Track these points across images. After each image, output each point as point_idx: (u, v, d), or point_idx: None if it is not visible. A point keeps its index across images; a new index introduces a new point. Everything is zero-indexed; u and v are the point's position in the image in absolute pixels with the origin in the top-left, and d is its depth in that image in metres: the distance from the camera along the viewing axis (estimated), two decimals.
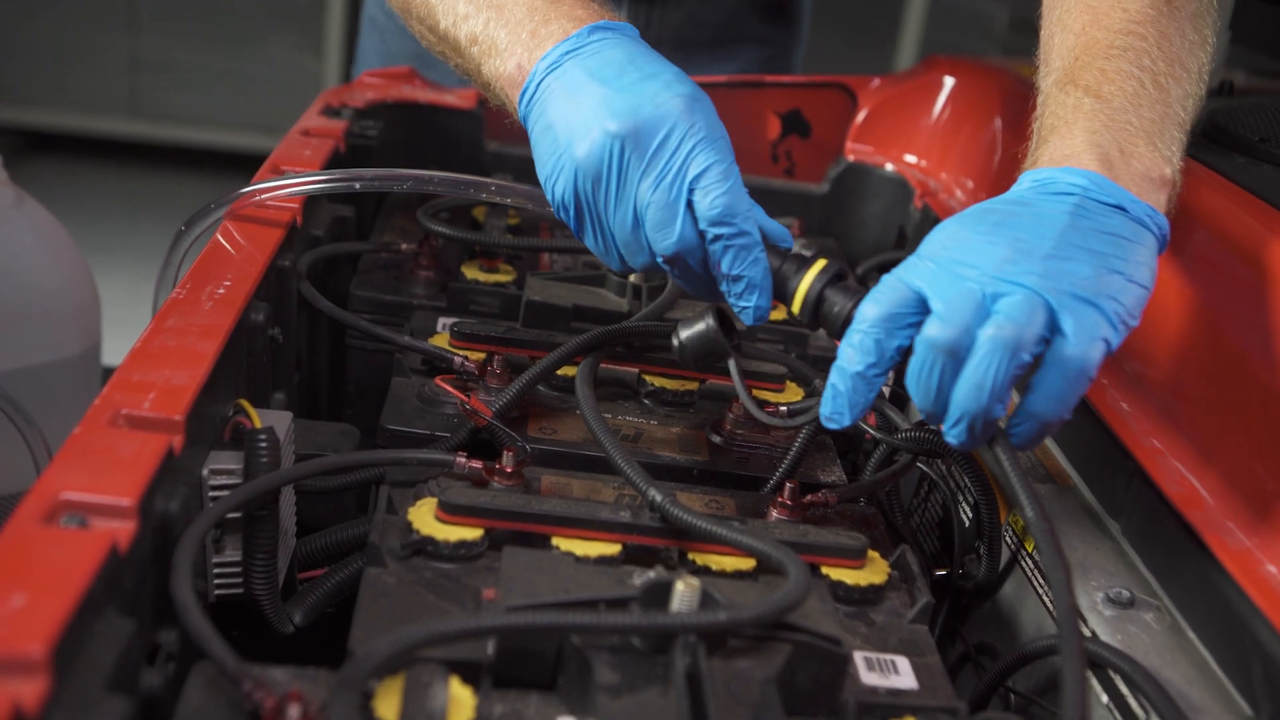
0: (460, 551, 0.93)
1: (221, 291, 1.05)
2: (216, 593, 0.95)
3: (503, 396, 1.13)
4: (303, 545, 1.06)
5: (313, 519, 1.10)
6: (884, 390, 1.39)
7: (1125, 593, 1.01)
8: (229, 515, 0.90)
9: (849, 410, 0.93)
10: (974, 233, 0.94)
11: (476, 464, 1.01)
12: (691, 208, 0.97)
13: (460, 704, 0.76)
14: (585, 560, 0.93)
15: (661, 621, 0.79)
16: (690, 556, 0.98)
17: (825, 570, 0.99)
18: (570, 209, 1.01)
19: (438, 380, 1.16)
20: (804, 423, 1.09)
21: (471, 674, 0.80)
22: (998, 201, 0.98)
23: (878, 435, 1.19)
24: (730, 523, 0.95)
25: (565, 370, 1.20)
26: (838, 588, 0.98)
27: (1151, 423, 1.12)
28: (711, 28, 1.95)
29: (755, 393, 1.23)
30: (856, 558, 1.00)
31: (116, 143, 5.01)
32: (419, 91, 1.76)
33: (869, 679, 0.89)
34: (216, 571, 0.94)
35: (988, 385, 0.87)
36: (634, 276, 1.38)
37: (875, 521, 1.11)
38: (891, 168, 1.82)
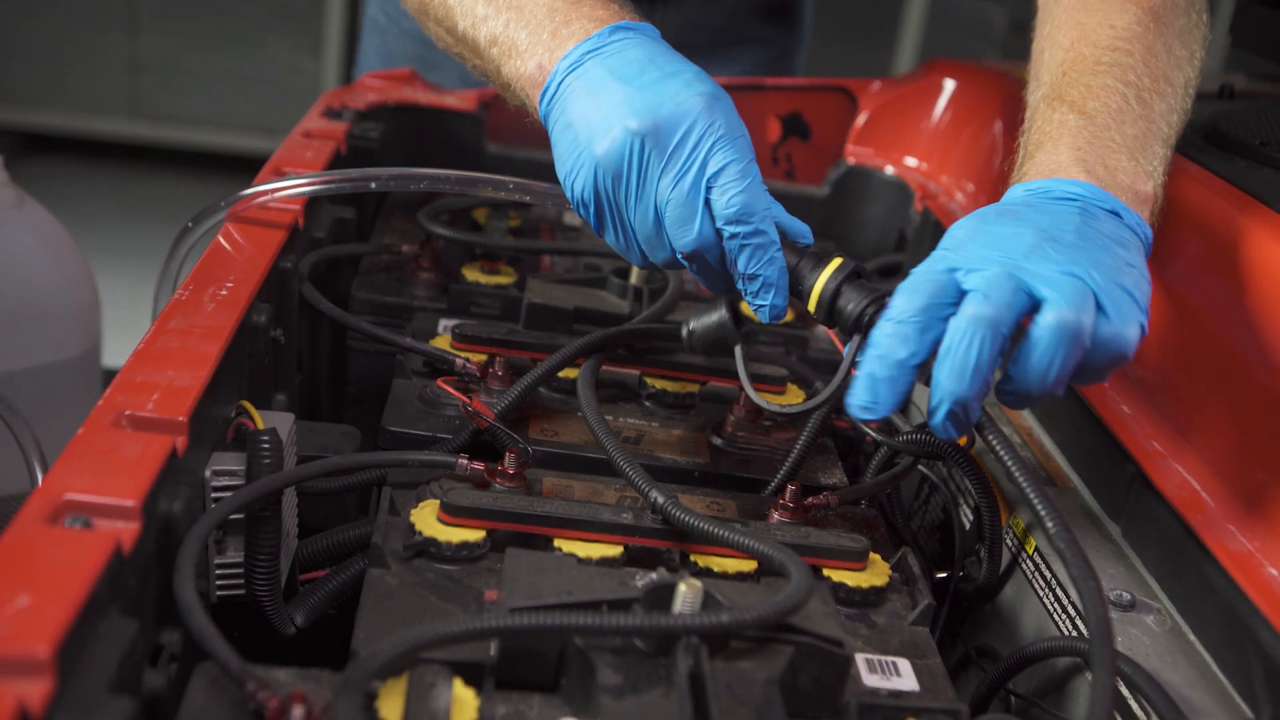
0: (462, 553, 0.94)
1: (224, 293, 1.05)
2: (218, 594, 0.95)
3: (504, 398, 1.13)
4: (304, 546, 1.06)
5: (314, 520, 1.10)
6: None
7: (1126, 595, 1.01)
8: (231, 516, 0.90)
9: (889, 399, 0.91)
10: (997, 225, 0.95)
11: (478, 466, 1.01)
12: (709, 205, 0.97)
13: (463, 705, 0.76)
14: (587, 562, 0.94)
15: (664, 623, 0.79)
16: (692, 558, 0.98)
17: (827, 572, 0.99)
18: (590, 206, 1.01)
19: (439, 382, 1.16)
20: (815, 405, 1.07)
21: (474, 675, 0.80)
22: (1005, 204, 0.99)
23: (879, 438, 1.20)
24: (732, 525, 0.95)
25: (567, 372, 1.20)
26: (839, 590, 0.98)
27: (1152, 425, 1.13)
28: (712, 30, 1.95)
29: None
30: (858, 560, 1.00)
31: (116, 144, 5.02)
32: (420, 93, 1.76)
33: (870, 681, 0.89)
34: (218, 572, 0.94)
35: (1053, 372, 0.88)
36: (634, 278, 1.38)
37: (876, 524, 1.11)
38: (892, 170, 1.82)
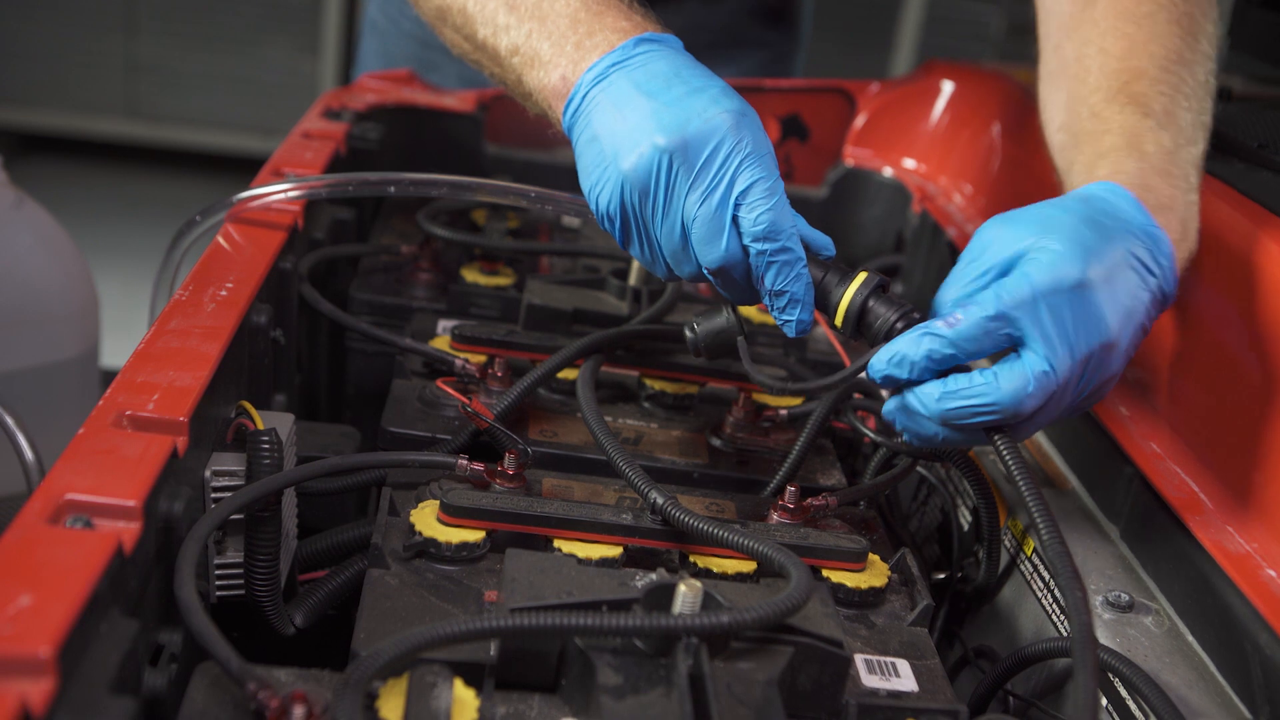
0: (462, 553, 0.94)
1: (224, 293, 1.06)
2: (218, 594, 0.95)
3: (504, 399, 1.13)
4: (304, 547, 1.06)
5: (313, 521, 1.10)
6: (883, 394, 1.40)
7: (1124, 596, 1.01)
8: (231, 516, 0.90)
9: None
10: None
11: (478, 466, 1.01)
12: (736, 222, 0.97)
13: (464, 705, 0.76)
14: (587, 562, 0.94)
15: (664, 623, 0.79)
16: (691, 559, 0.98)
17: (826, 573, 0.99)
18: (616, 220, 1.01)
19: (439, 383, 1.16)
20: (827, 384, 1.05)
21: (475, 675, 0.80)
22: (1083, 220, 0.99)
23: (878, 439, 1.20)
24: (731, 525, 0.95)
25: (566, 373, 1.20)
26: (838, 590, 0.98)
27: (1150, 427, 1.13)
28: (712, 31, 1.95)
29: (755, 396, 1.23)
30: (857, 561, 1.00)
31: (114, 144, 5.01)
32: (418, 94, 1.77)
33: (870, 681, 0.89)
34: (218, 573, 0.94)
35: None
36: (633, 279, 1.38)
37: (875, 525, 1.12)
38: (890, 172, 1.83)
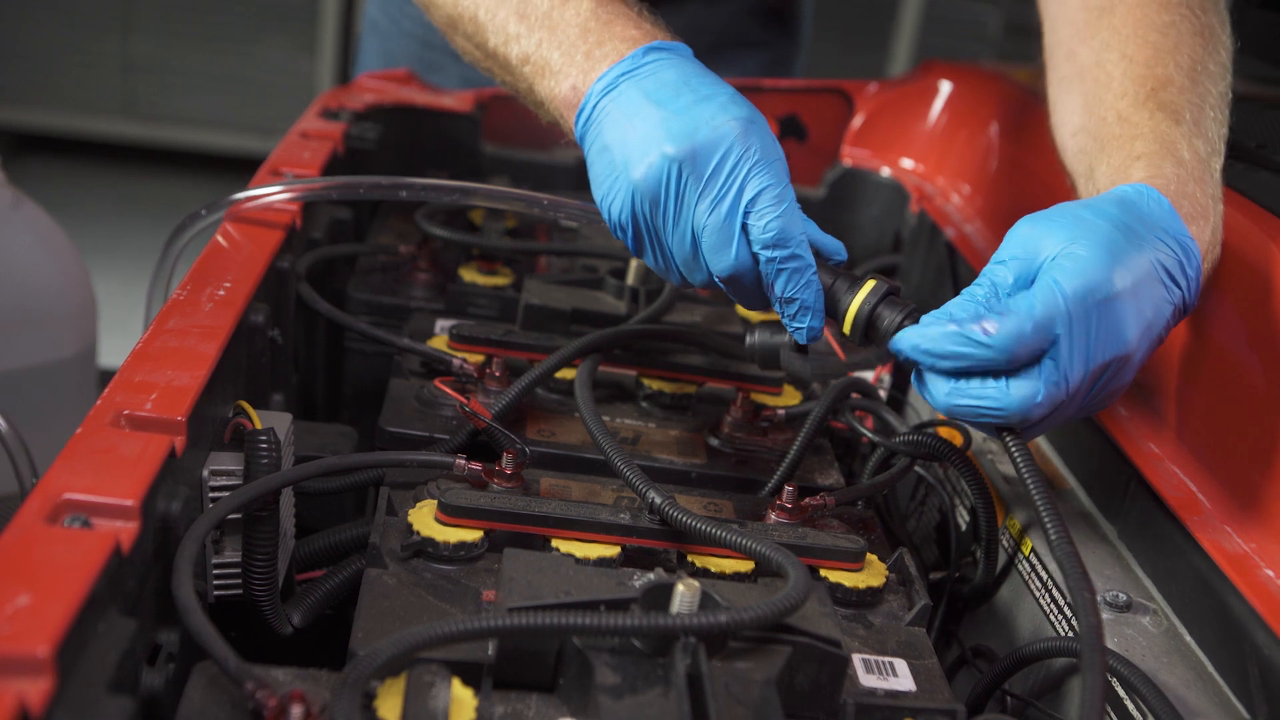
0: (460, 553, 0.94)
1: (222, 293, 1.05)
2: (216, 593, 0.95)
3: (502, 399, 1.13)
4: (301, 546, 1.06)
5: (310, 520, 1.10)
6: (881, 395, 1.40)
7: (1122, 596, 1.01)
8: (229, 516, 0.90)
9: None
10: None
11: (476, 466, 1.01)
12: (746, 230, 0.97)
13: (461, 705, 0.76)
14: (585, 562, 0.94)
15: (662, 623, 0.79)
16: (689, 558, 0.98)
17: (824, 573, 0.99)
18: (628, 229, 1.01)
19: (437, 382, 1.16)
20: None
21: (473, 675, 0.80)
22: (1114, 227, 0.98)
23: (876, 439, 1.20)
24: (729, 525, 0.95)
25: (564, 373, 1.20)
26: (836, 590, 0.98)
27: (1149, 427, 1.13)
28: (713, 33, 1.95)
29: (753, 395, 1.23)
30: (855, 560, 1.00)
31: (111, 144, 5.01)
32: (416, 94, 1.77)
33: (868, 681, 0.89)
34: (216, 572, 0.94)
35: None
36: (631, 279, 1.38)
37: (873, 525, 1.12)
38: (888, 172, 1.83)
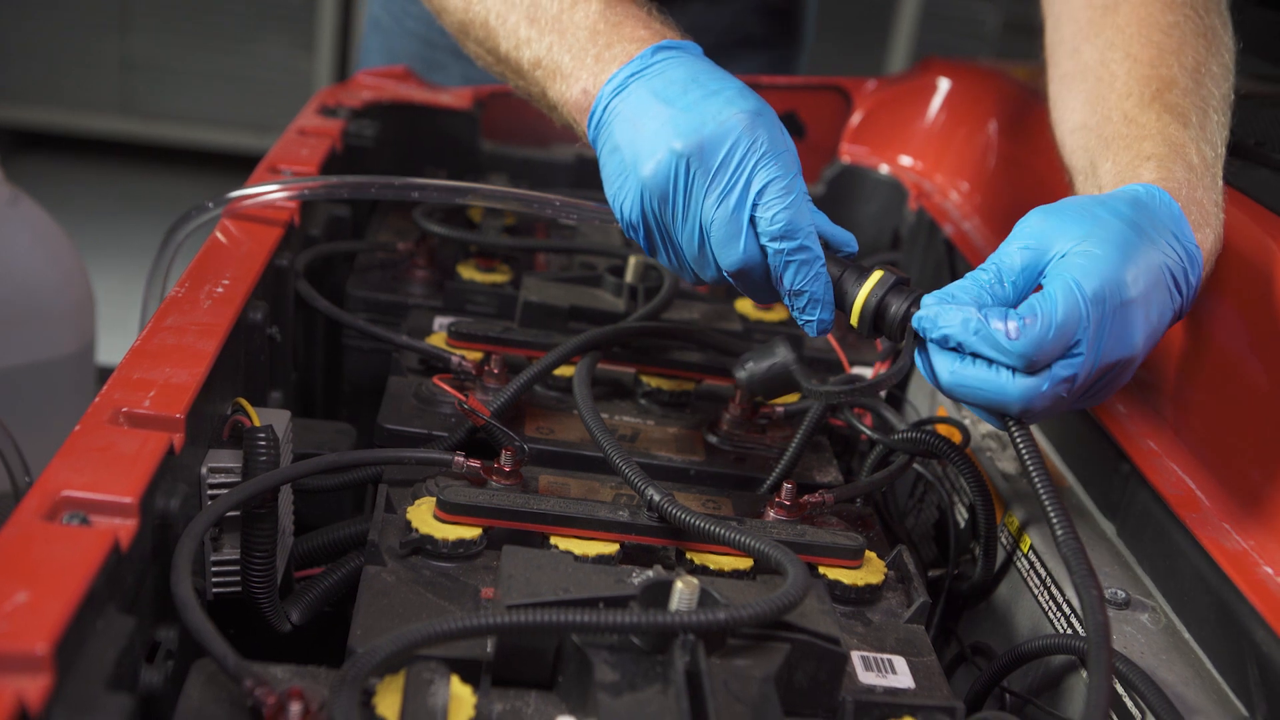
0: (459, 550, 0.94)
1: (220, 290, 1.05)
2: (214, 591, 0.95)
3: (500, 396, 1.13)
4: (300, 544, 1.06)
5: (309, 518, 1.10)
6: (879, 393, 1.40)
7: (1121, 593, 1.01)
8: (228, 513, 0.90)
9: None
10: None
11: (475, 463, 1.01)
12: (754, 223, 0.97)
13: (460, 702, 0.76)
14: (584, 559, 0.94)
15: (661, 620, 0.79)
16: (688, 556, 0.98)
17: (822, 570, 0.99)
18: (639, 228, 1.02)
19: (435, 379, 1.16)
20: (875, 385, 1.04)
21: (471, 672, 0.80)
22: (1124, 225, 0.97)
23: (874, 436, 1.20)
24: (728, 522, 0.95)
25: (562, 370, 1.20)
26: (835, 587, 0.98)
27: (1148, 424, 1.13)
28: (716, 32, 1.94)
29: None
30: (853, 558, 1.00)
31: (109, 141, 5.01)
32: (415, 91, 1.76)
33: (866, 678, 0.89)
34: (215, 569, 0.94)
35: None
36: (630, 276, 1.38)
37: (871, 522, 1.12)
38: (886, 170, 1.82)
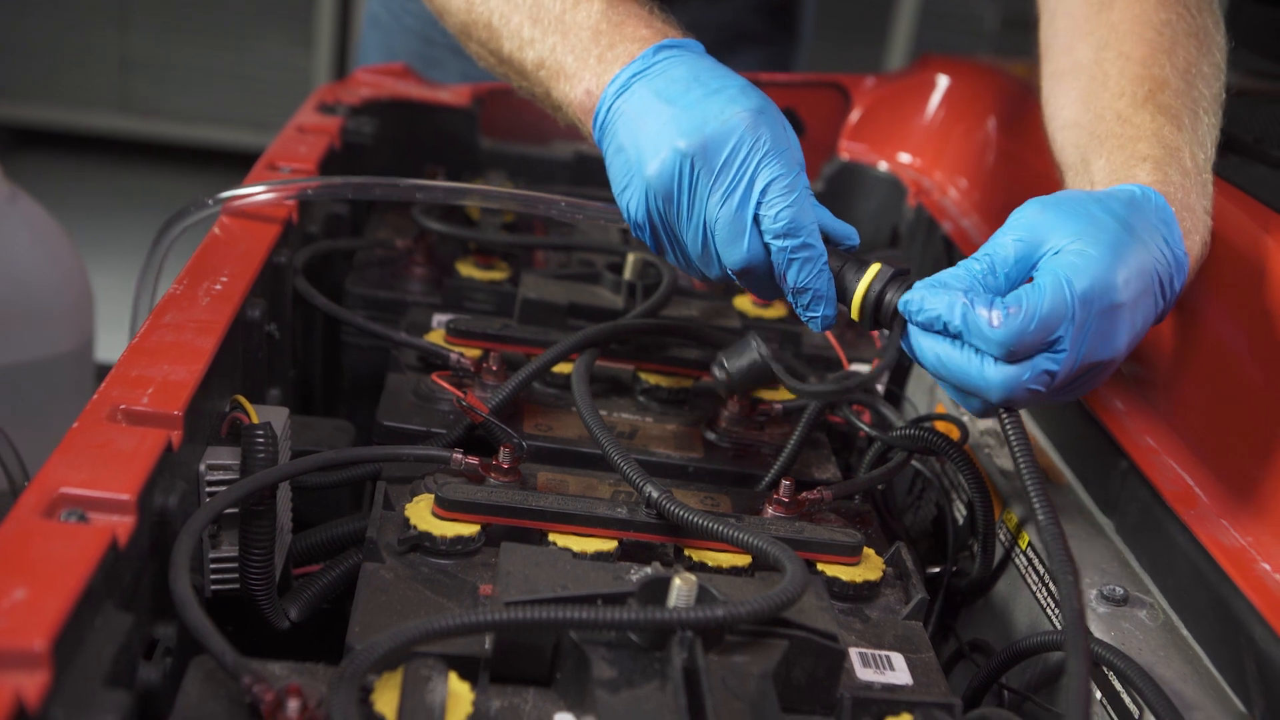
0: (457, 547, 0.94)
1: (218, 288, 1.05)
2: (213, 588, 0.95)
3: (499, 393, 1.13)
4: (298, 541, 1.06)
5: (308, 515, 1.10)
6: (878, 389, 1.40)
7: (1119, 590, 1.01)
8: (226, 511, 0.90)
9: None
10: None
11: (473, 460, 1.01)
12: (758, 221, 0.97)
13: (458, 699, 0.76)
14: (582, 556, 0.94)
15: (659, 617, 0.79)
16: (686, 553, 0.98)
17: (821, 567, 0.99)
18: (645, 227, 1.02)
19: (434, 377, 1.16)
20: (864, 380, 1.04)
21: (469, 669, 0.80)
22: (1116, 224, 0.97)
23: (873, 433, 1.20)
24: (726, 519, 0.95)
25: (561, 367, 1.20)
26: (833, 584, 0.98)
27: (1145, 420, 1.13)
28: (714, 29, 1.94)
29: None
30: (852, 554, 1.00)
31: (108, 139, 5.00)
32: (413, 88, 1.76)
33: (864, 675, 0.89)
34: (213, 567, 0.94)
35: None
36: (628, 274, 1.38)
37: (870, 519, 1.12)
38: (885, 167, 1.82)
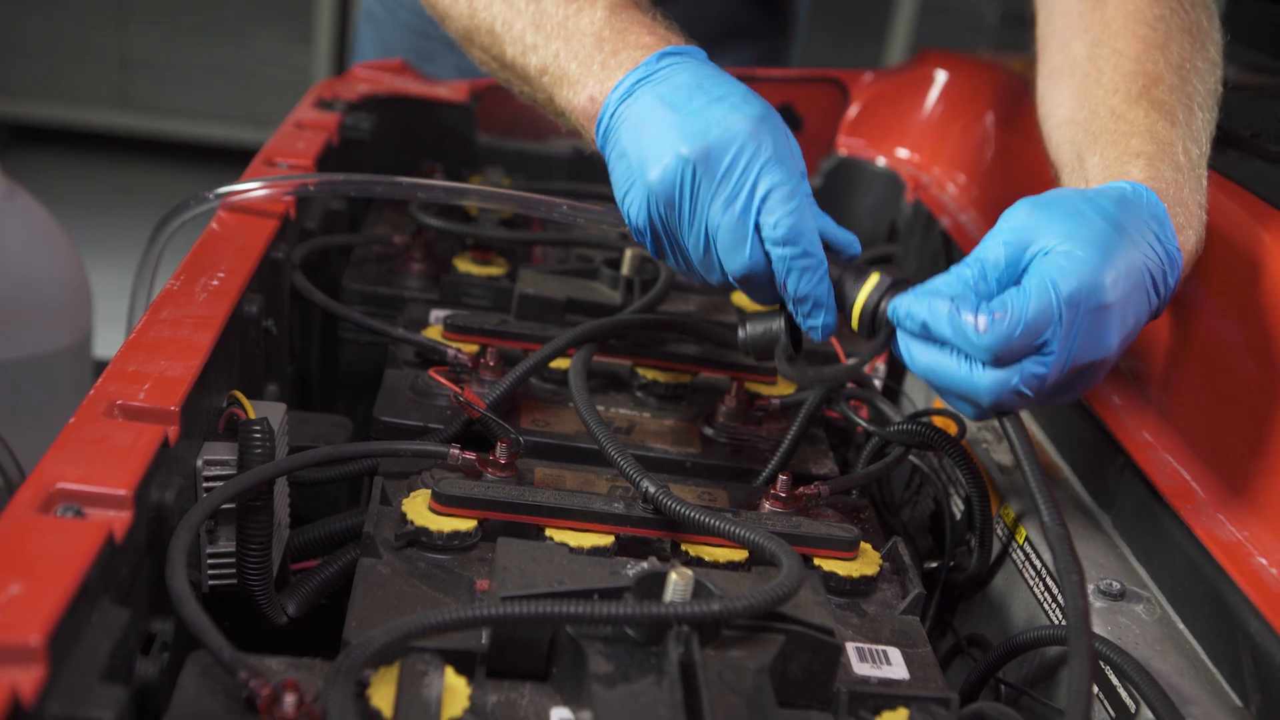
0: (454, 542, 0.94)
1: (215, 283, 1.05)
2: (210, 583, 0.95)
3: (496, 389, 1.13)
4: (296, 536, 1.06)
5: (306, 511, 1.10)
6: (876, 385, 1.40)
7: (1116, 584, 1.01)
8: (223, 506, 0.90)
9: None
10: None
11: (470, 456, 1.01)
12: (759, 228, 0.97)
13: (455, 693, 0.76)
14: (579, 551, 0.94)
15: (655, 611, 0.79)
16: (683, 548, 0.98)
17: (818, 561, 0.99)
18: (646, 232, 1.02)
19: (431, 372, 1.16)
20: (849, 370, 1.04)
21: (466, 664, 0.80)
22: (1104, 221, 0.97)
23: (870, 428, 1.20)
24: (723, 514, 0.95)
25: (559, 363, 1.20)
26: (830, 579, 0.99)
27: (1142, 415, 1.13)
28: (707, 23, 1.94)
29: (747, 385, 1.24)
30: (849, 549, 1.00)
31: (106, 135, 5.00)
32: (411, 84, 1.76)
33: (861, 669, 0.89)
34: (210, 562, 0.94)
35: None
36: (626, 269, 1.38)
37: (867, 514, 1.12)
38: (883, 162, 1.82)
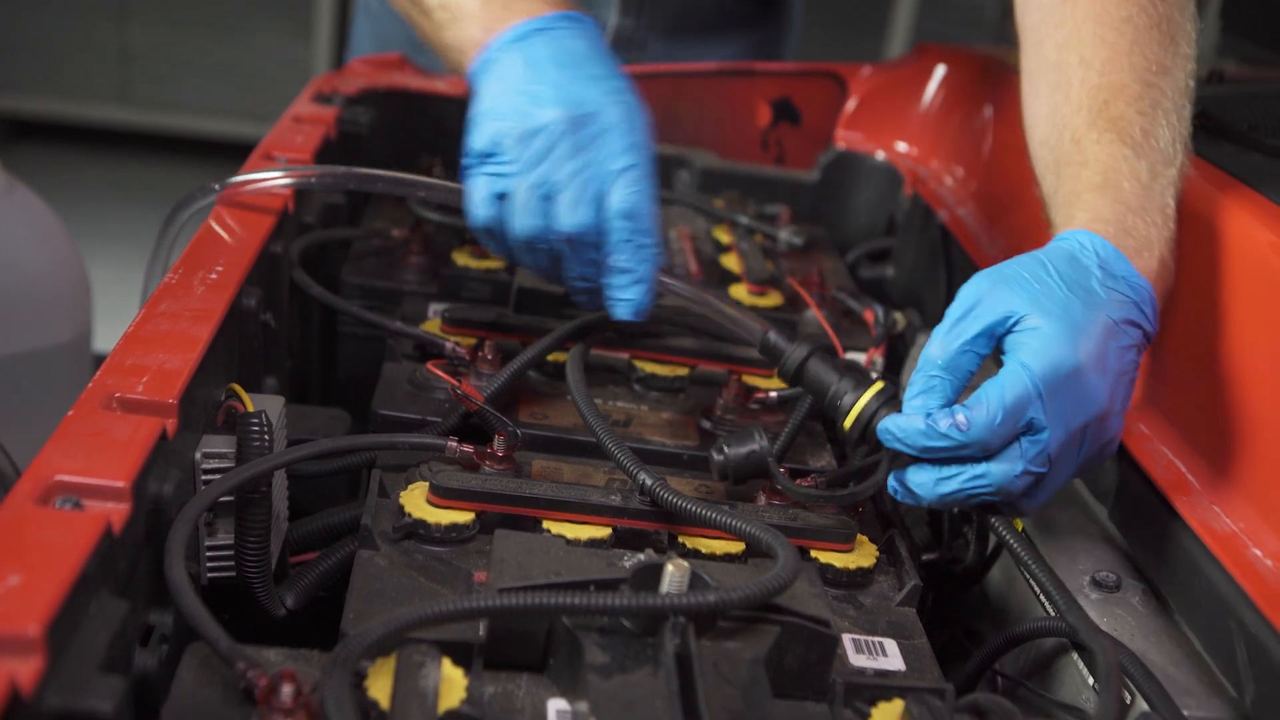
0: (452, 535, 0.94)
1: (214, 277, 1.06)
2: (209, 575, 0.95)
3: (494, 382, 1.13)
4: (294, 529, 1.07)
5: (304, 503, 1.11)
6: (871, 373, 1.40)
7: (1111, 576, 1.02)
8: (222, 499, 0.90)
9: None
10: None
11: (468, 448, 1.02)
12: (603, 198, 1.04)
13: (452, 684, 0.77)
14: (576, 543, 0.94)
15: (651, 602, 0.80)
16: (680, 540, 0.98)
17: (814, 553, 1.00)
18: (486, 160, 1.06)
19: (429, 365, 1.16)
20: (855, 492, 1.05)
21: (463, 655, 0.80)
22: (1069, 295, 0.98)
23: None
24: (720, 506, 0.95)
25: (556, 356, 1.20)
26: (826, 571, 0.99)
27: (1138, 408, 1.13)
28: (702, 13, 1.95)
29: (745, 378, 1.24)
30: (845, 541, 1.00)
31: (106, 130, 5.00)
32: (409, 78, 1.76)
33: (857, 660, 0.90)
34: (209, 554, 0.95)
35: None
36: None
37: (864, 506, 1.12)
38: (882, 155, 1.83)
